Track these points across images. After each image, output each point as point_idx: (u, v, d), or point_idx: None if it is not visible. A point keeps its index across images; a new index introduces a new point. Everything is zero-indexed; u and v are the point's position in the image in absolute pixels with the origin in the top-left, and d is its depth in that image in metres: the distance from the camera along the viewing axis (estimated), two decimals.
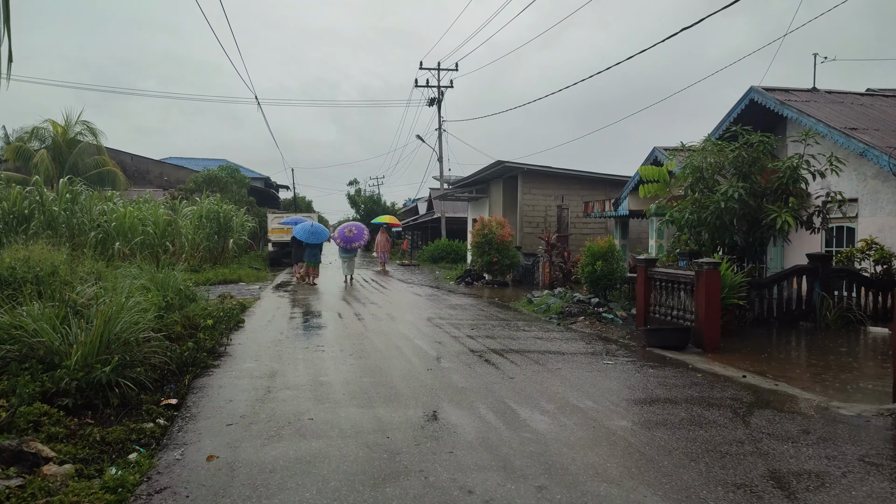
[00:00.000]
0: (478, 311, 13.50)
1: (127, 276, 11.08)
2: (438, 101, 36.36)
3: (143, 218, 21.62)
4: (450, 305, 14.65)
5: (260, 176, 49.29)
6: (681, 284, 10.36)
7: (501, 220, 21.03)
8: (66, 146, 33.51)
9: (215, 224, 25.35)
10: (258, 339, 9.57)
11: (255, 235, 34.15)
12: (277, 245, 31.31)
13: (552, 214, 25.11)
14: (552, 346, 9.48)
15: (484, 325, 11.40)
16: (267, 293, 17.37)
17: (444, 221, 36.87)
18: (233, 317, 10.58)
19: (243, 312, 12.55)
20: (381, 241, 29.23)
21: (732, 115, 17.84)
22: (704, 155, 12.38)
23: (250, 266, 26.59)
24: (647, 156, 18.81)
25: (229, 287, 19.43)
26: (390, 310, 13.70)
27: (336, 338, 9.78)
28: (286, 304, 14.41)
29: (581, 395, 6.43)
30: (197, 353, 7.44)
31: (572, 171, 24.77)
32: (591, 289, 13.89)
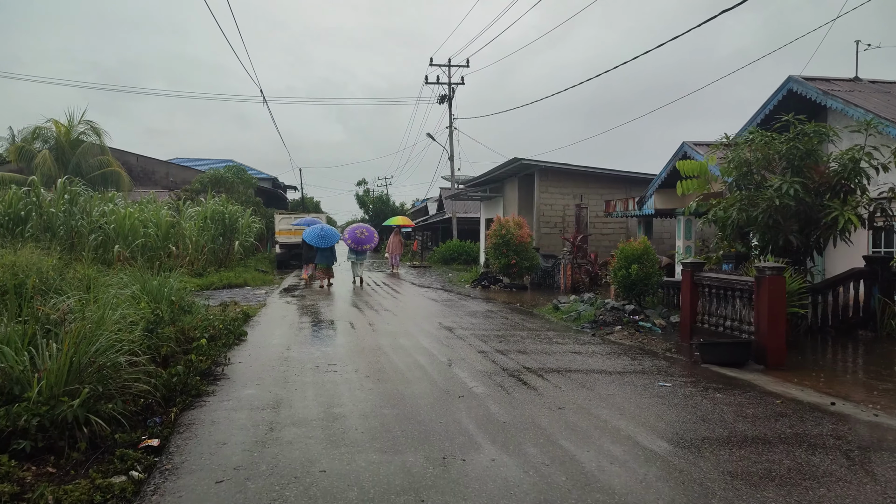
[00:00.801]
0: (502, 320, 12.31)
1: (116, 283, 9.96)
2: (449, 98, 35.18)
3: (145, 220, 20.54)
4: (470, 312, 13.48)
5: (267, 176, 48.23)
6: (736, 292, 9.15)
7: (520, 220, 19.84)
8: (70, 146, 32.55)
9: (220, 226, 24.27)
10: (261, 356, 8.41)
11: (262, 237, 33.07)
12: (285, 247, 30.21)
13: (570, 214, 23.90)
14: (594, 362, 8.29)
15: (512, 337, 10.21)
16: (273, 299, 16.24)
17: (456, 222, 35.70)
18: (234, 329, 9.44)
19: (247, 322, 11.40)
20: (394, 244, 27.95)
21: (768, 106, 16.59)
22: (752, 147, 11.16)
23: (257, 269, 25.48)
24: (676, 151, 17.58)
25: (234, 292, 18.31)
26: (406, 318, 12.54)
27: (349, 354, 8.61)
28: (294, 312, 13.26)
29: (649, 433, 5.25)
30: (188, 377, 6.29)
31: (591, 169, 23.57)
32: (624, 294, 12.68)
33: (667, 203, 18.83)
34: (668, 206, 18.86)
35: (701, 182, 12.30)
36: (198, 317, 9.56)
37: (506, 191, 27.19)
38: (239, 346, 9.07)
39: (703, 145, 17.16)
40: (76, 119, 33.31)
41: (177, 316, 8.65)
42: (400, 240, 27.89)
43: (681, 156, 17.23)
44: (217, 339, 8.89)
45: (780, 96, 15.94)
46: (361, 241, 23.09)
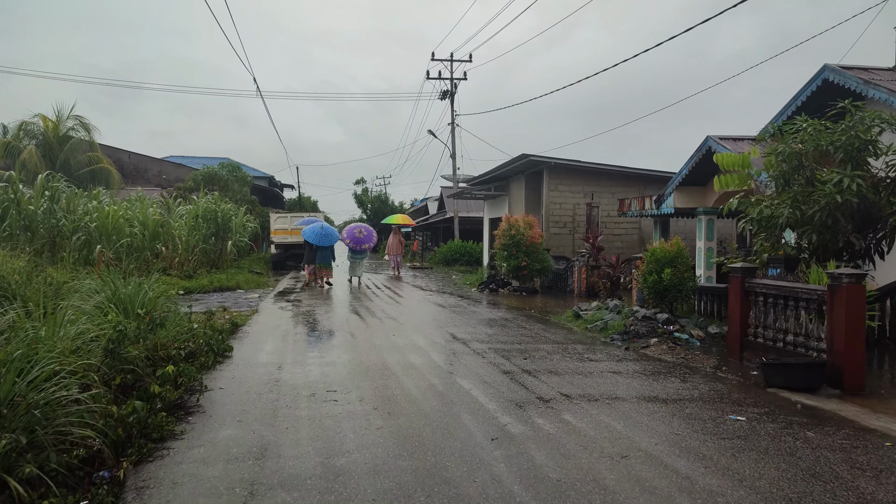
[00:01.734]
0: (520, 330, 10.97)
1: (86, 290, 8.60)
2: (451, 93, 33.82)
3: (130, 218, 19.17)
4: (482, 321, 12.14)
5: (264, 175, 46.81)
6: (800, 302, 7.83)
7: (530, 220, 18.51)
8: (57, 142, 31.17)
9: (213, 225, 22.90)
10: (248, 378, 7.04)
11: (257, 237, 31.68)
12: (281, 247, 28.84)
13: (581, 213, 22.60)
14: (641, 386, 6.96)
15: (536, 352, 8.87)
16: (267, 304, 14.88)
17: (458, 221, 34.36)
18: (217, 345, 8.08)
19: (234, 334, 10.05)
20: (394, 244, 26.47)
21: (800, 97, 15.29)
22: (804, 138, 9.85)
23: (250, 270, 24.10)
24: (699, 146, 16.24)
25: (225, 296, 16.94)
26: (413, 328, 11.20)
27: (352, 375, 7.26)
28: (288, 321, 11.91)
29: (758, 500, 3.92)
30: (149, 416, 4.94)
31: (603, 166, 22.25)
32: (654, 301, 11.36)
33: (687, 202, 17.53)
34: (689, 205, 17.56)
35: (743, 177, 10.99)
36: (175, 329, 8.21)
37: (511, 189, 25.86)
38: (222, 364, 7.72)
39: (728, 139, 15.86)
40: (65, 114, 31.91)
41: (147, 331, 7.27)
42: (400, 240, 26.36)
43: (704, 151, 15.94)
44: (196, 356, 7.55)
45: (814, 87, 14.65)
46: (360, 240, 22.55)
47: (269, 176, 47.87)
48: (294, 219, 28.97)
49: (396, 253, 25.91)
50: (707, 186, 17.67)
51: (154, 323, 7.61)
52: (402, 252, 26.45)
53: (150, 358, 7.00)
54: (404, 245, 26.85)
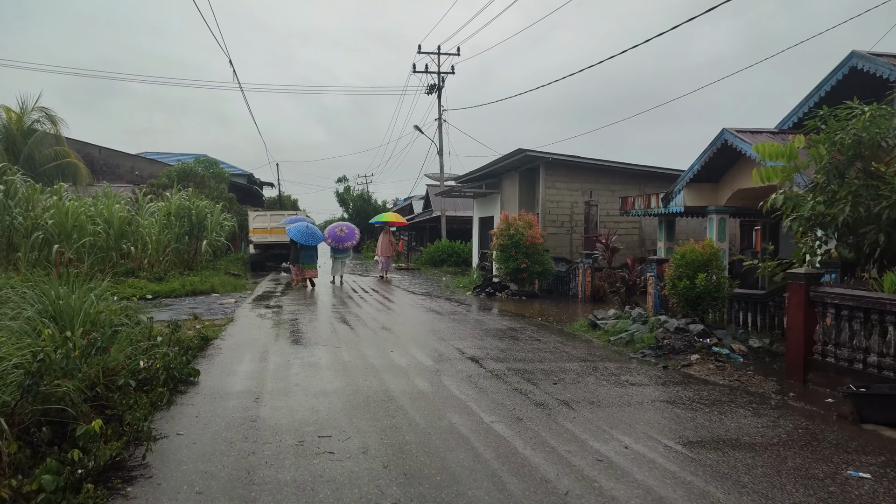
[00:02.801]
0: (535, 344, 9.52)
1: (13, 300, 6.97)
2: (439, 87, 32.30)
3: (94, 215, 17.41)
4: (489, 331, 10.67)
5: (242, 172, 44.91)
6: (886, 315, 6.47)
7: (530, 219, 17.09)
8: (21, 135, 29.08)
9: (186, 223, 21.15)
10: (216, 417, 5.48)
11: (235, 236, 29.91)
12: (260, 247, 27.13)
13: (579, 212, 21.24)
14: (710, 423, 5.53)
15: (565, 374, 7.42)
16: (244, 311, 13.27)
17: (445, 221, 32.88)
18: (179, 369, 6.51)
19: (204, 350, 8.47)
20: (384, 244, 24.38)
21: (824, 87, 14.09)
22: (864, 124, 8.53)
23: (227, 272, 22.38)
24: (713, 140, 14.94)
25: (198, 301, 15.28)
26: (413, 341, 9.69)
27: (349, 411, 5.73)
28: (268, 333, 10.34)
29: None
30: (64, 496, 3.39)
31: (602, 163, 20.90)
32: (684, 310, 9.98)
33: (698, 199, 16.23)
34: (699, 203, 16.26)
35: (788, 169, 9.64)
36: (129, 348, 6.62)
37: (504, 187, 24.44)
38: (185, 395, 6.15)
39: (746, 132, 14.57)
40: (29, 105, 29.83)
41: (87, 354, 5.68)
42: (390, 239, 24.49)
43: (719, 144, 14.63)
44: (153, 385, 5.98)
45: (840, 75, 13.42)
46: (342, 238, 22.01)
47: (248, 173, 45.98)
48: (275, 217, 27.30)
49: (386, 254, 24.10)
50: (719, 183, 16.40)
51: (96, 344, 6.01)
52: (392, 253, 24.57)
53: (92, 389, 5.45)
54: (395, 245, 25.00)
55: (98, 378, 5.57)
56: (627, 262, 12.80)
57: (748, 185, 15.27)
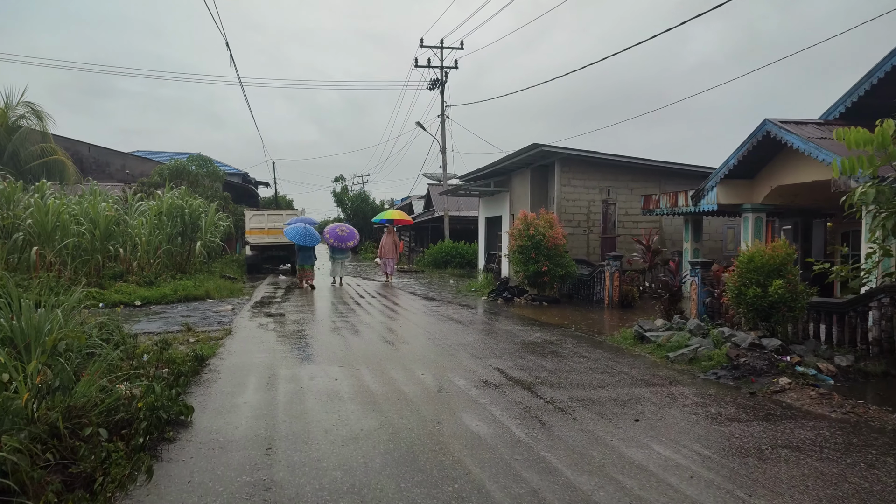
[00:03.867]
0: (584, 362, 8.10)
1: None
2: (442, 82, 30.84)
3: (78, 214, 15.89)
4: (525, 346, 9.25)
5: (237, 171, 43.31)
6: None
7: (550, 218, 15.69)
8: (6, 131, 27.43)
9: (179, 223, 19.61)
10: (213, 485, 3.99)
11: (231, 237, 28.37)
12: (257, 248, 25.60)
13: (596, 211, 19.87)
14: (867, 485, 4.15)
15: (638, 403, 6.01)
16: (243, 320, 11.80)
17: (448, 221, 31.46)
18: (168, 406, 5.04)
19: (198, 374, 7.01)
20: (387, 245, 21.93)
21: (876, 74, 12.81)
22: None
23: (223, 275, 20.88)
24: (753, 132, 13.62)
25: (191, 308, 13.80)
26: (442, 358, 8.26)
27: (390, 469, 4.27)
28: (271, 349, 8.89)
29: None
30: None
31: (622, 159, 19.53)
32: (752, 322, 8.59)
33: (732, 197, 14.90)
34: (734, 201, 14.93)
35: (885, 155, 8.27)
36: (107, 377, 5.17)
37: (513, 185, 23.04)
38: (174, 443, 4.69)
39: (790, 122, 13.24)
40: (14, 101, 28.17)
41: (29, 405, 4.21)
42: (394, 240, 22.21)
43: (760, 136, 13.31)
44: (134, 429, 4.55)
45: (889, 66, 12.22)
46: (343, 238, 20.97)
47: (242, 172, 44.36)
48: (272, 217, 25.79)
49: (391, 255, 21.95)
50: (755, 179, 15.05)
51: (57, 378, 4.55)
52: (397, 255, 22.47)
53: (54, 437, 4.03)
54: (399, 246, 23.14)
55: (58, 426, 4.13)
56: (670, 264, 11.42)
57: (789, 180, 13.95)
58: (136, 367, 6.83)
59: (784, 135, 12.71)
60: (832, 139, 12.89)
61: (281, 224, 25.13)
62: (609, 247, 19.70)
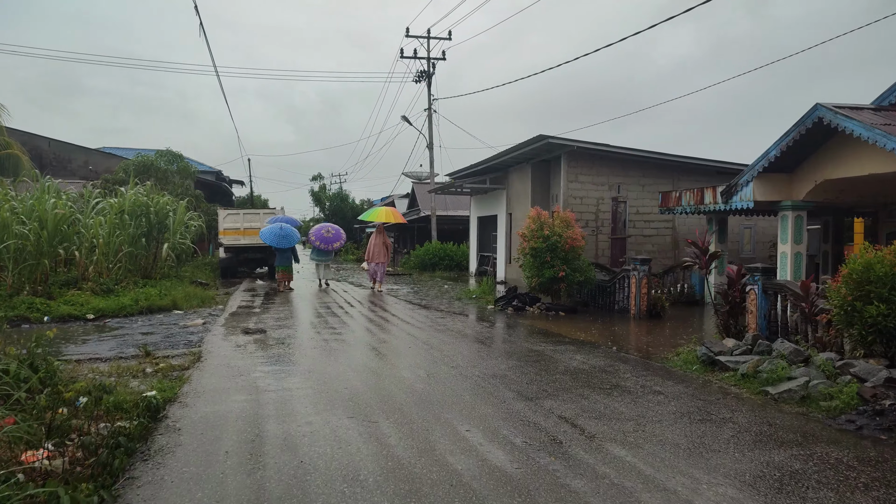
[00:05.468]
0: (667, 405, 6.10)
1: None
2: (429, 74, 28.72)
3: (22, 213, 13.49)
4: (575, 376, 7.23)
5: (211, 169, 40.69)
6: None
7: (567, 217, 13.72)
8: None
9: (144, 222, 17.25)
10: None
11: (203, 238, 25.93)
12: (231, 250, 23.24)
13: (605, 209, 17.98)
14: None
15: (801, 487, 4.04)
16: (215, 340, 9.61)
17: (436, 221, 29.39)
18: None
19: (150, 435, 4.85)
20: (377, 247, 18.45)
21: None
22: None
23: (193, 280, 18.53)
24: (802, 118, 11.77)
25: (154, 322, 11.54)
26: (480, 400, 6.18)
27: None
28: (251, 386, 6.73)
29: None
30: None
31: (633, 153, 17.65)
32: (868, 346, 6.69)
33: (771, 193, 13.07)
34: (773, 198, 13.11)
35: None
36: None
37: (511, 181, 21.07)
38: None
39: (845, 107, 11.43)
40: None
41: None
42: (385, 241, 18.84)
43: (811, 123, 11.47)
44: None
45: None
46: (329, 240, 19.41)
47: (216, 170, 41.75)
48: (249, 217, 23.47)
49: (381, 260, 18.63)
50: (794, 173, 13.23)
51: None
52: (387, 259, 18.94)
53: None
54: (391, 249, 20.37)
55: None
56: (729, 271, 9.49)
57: (839, 174, 12.14)
58: (65, 419, 4.73)
59: (841, 121, 10.89)
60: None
61: (258, 224, 22.84)
62: (619, 249, 17.83)
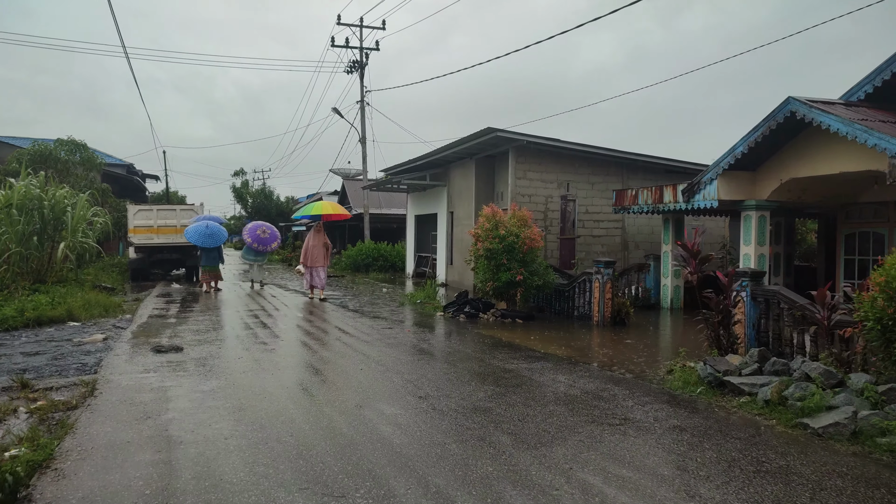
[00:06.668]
0: (689, 447, 4.85)
1: None
2: (362, 64, 26.94)
3: None
4: (572, 407, 5.89)
5: (121, 162, 37.21)
6: None
7: (524, 215, 12.47)
8: None
9: (36, 218, 14.79)
10: None
11: (110, 237, 23.19)
12: (143, 250, 20.76)
13: (554, 208, 16.92)
14: None
15: None
16: (117, 364, 7.71)
17: (369, 219, 27.69)
18: None
19: None
20: (315, 248, 15.55)
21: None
22: None
23: (96, 285, 16.13)
24: (774, 111, 11.02)
25: (42, 338, 9.44)
26: (474, 457, 4.75)
27: None
28: (163, 438, 5.01)
29: None
30: None
31: (585, 149, 16.65)
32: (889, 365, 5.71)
33: (735, 191, 12.33)
34: (737, 197, 12.37)
35: None
36: None
37: (453, 177, 19.73)
38: None
39: (819, 102, 10.71)
40: None
41: None
42: (325, 242, 15.90)
43: (782, 118, 10.73)
44: None
45: None
46: (265, 240, 18.13)
47: (127, 164, 38.25)
48: (163, 213, 21.05)
49: (321, 264, 15.60)
50: (757, 172, 12.51)
51: None
52: (328, 262, 16.15)
53: None
54: (331, 251, 18.09)
55: None
56: (720, 277, 8.44)
57: (806, 172, 11.47)
58: None
59: (817, 115, 10.14)
60: (880, 121, 10.53)
61: (174, 221, 20.51)
62: (569, 249, 16.81)
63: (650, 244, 17.73)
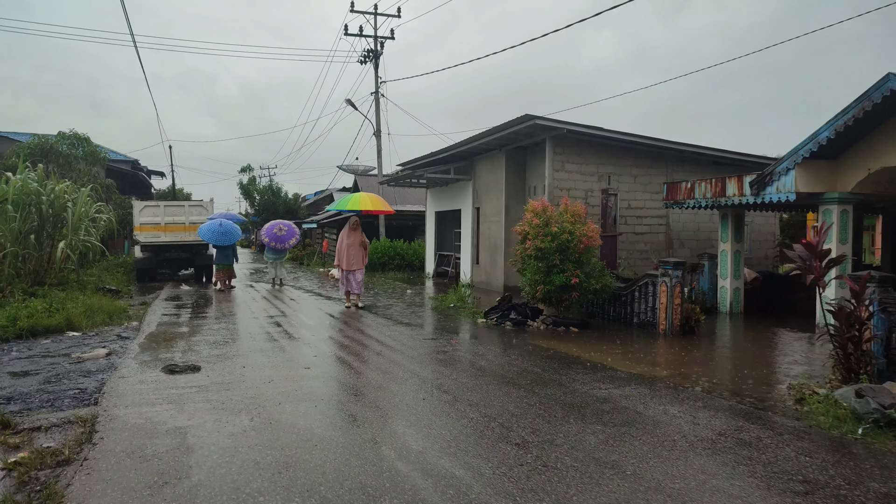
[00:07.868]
0: None
1: None
2: (377, 53, 25.44)
3: None
4: (709, 453, 4.43)
5: (126, 158, 35.70)
6: None
7: (578, 210, 10.97)
8: None
9: (35, 215, 13.31)
10: None
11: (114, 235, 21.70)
12: (150, 249, 19.27)
13: (594, 203, 15.40)
14: None
15: None
16: (123, 388, 6.24)
17: (383, 217, 26.21)
18: None
19: None
20: (351, 248, 13.21)
21: None
22: None
23: (100, 287, 14.65)
24: (869, 89, 9.49)
25: (35, 353, 7.95)
26: None
27: None
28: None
29: None
30: None
31: (629, 139, 15.12)
32: None
33: (814, 183, 10.81)
34: (816, 189, 10.86)
35: None
36: None
37: (478, 171, 18.23)
38: None
39: None
40: None
41: None
42: (363, 241, 13.51)
43: (883, 94, 9.20)
44: None
45: None
46: (282, 238, 17.49)
47: (132, 160, 36.75)
48: (171, 210, 19.54)
49: (359, 266, 13.31)
50: (839, 161, 11.06)
51: None
52: (364, 261, 13.57)
53: None
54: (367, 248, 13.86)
55: None
56: (846, 282, 6.91)
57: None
58: None
59: None
60: None
61: (182, 218, 19.03)
62: (611, 248, 15.32)
63: (696, 242, 16.25)
